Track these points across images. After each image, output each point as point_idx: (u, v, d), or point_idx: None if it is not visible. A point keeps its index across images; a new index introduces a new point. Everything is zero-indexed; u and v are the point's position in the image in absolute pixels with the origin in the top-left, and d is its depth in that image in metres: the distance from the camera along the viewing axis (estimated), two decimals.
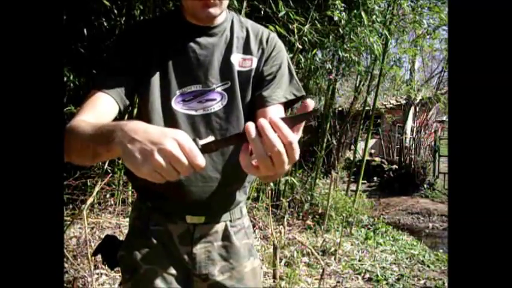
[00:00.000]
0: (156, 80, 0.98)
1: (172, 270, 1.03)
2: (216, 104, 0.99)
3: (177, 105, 0.98)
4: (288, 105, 1.06)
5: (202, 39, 0.99)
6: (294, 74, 1.07)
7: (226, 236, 1.07)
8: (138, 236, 1.06)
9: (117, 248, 1.07)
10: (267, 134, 0.61)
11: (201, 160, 0.63)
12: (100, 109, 0.91)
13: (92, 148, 0.76)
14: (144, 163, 0.62)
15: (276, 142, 0.61)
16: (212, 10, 0.93)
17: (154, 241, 1.04)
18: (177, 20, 1.01)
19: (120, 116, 0.97)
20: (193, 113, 0.99)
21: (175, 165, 0.62)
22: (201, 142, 0.66)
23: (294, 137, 0.63)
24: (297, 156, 0.64)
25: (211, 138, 0.70)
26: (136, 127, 0.66)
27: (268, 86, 1.02)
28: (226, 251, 1.07)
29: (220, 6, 0.94)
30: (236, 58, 1.01)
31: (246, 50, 1.02)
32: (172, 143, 0.62)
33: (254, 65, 1.02)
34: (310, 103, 0.65)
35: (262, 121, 0.62)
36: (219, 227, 1.07)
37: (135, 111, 2.73)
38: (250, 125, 0.63)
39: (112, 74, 0.95)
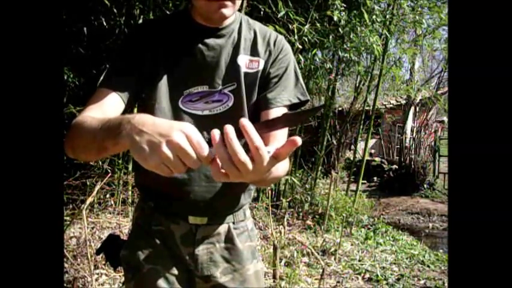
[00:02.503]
0: (163, 79, 0.98)
1: (175, 271, 1.03)
2: (222, 105, 1.00)
3: (183, 105, 0.99)
4: (292, 108, 1.06)
5: (210, 41, 0.99)
6: (300, 77, 1.07)
7: (229, 238, 1.07)
8: (141, 235, 1.06)
9: (119, 247, 1.07)
10: (228, 141, 0.60)
11: (208, 153, 0.63)
12: (106, 107, 0.91)
13: (98, 142, 0.76)
14: (152, 155, 0.62)
15: (238, 150, 0.60)
16: (225, 11, 0.92)
17: (157, 241, 1.03)
18: (185, 20, 1.01)
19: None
20: (199, 113, 0.99)
21: (182, 157, 0.62)
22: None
23: (261, 143, 0.61)
24: (264, 163, 0.62)
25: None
26: (144, 119, 0.66)
27: (273, 88, 1.01)
28: (228, 252, 1.06)
29: (232, 8, 0.94)
30: (243, 60, 1.01)
31: (253, 51, 1.02)
32: (180, 136, 0.62)
33: (261, 67, 1.02)
34: (298, 140, 0.62)
35: (227, 127, 0.61)
36: (222, 229, 1.06)
37: (135, 110, 2.73)
38: (215, 132, 0.62)
39: (119, 73, 0.96)
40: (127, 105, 0.96)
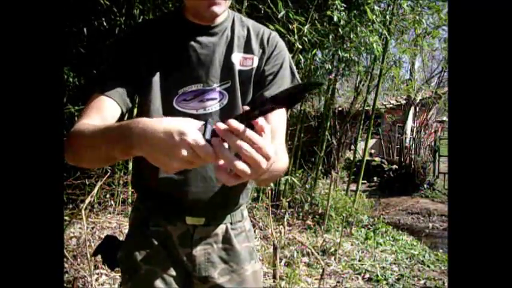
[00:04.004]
0: (157, 79, 0.98)
1: (172, 272, 1.02)
2: (217, 104, 0.99)
3: (178, 105, 0.98)
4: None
5: (203, 38, 0.99)
6: (296, 73, 1.07)
7: (226, 239, 1.06)
8: (138, 236, 1.05)
9: (117, 248, 1.07)
10: (229, 140, 0.61)
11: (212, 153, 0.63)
12: (104, 113, 0.92)
13: (105, 153, 0.77)
14: (167, 167, 0.66)
15: (242, 145, 0.61)
16: (216, 8, 0.93)
17: (154, 242, 1.03)
18: (178, 20, 1.01)
19: (122, 118, 0.98)
20: (193, 112, 0.99)
21: (195, 161, 0.64)
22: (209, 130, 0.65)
23: (257, 138, 0.62)
24: (270, 152, 0.63)
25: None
26: (143, 130, 0.66)
27: (269, 86, 1.01)
28: (226, 253, 1.06)
29: (224, 5, 0.94)
30: (237, 57, 1.01)
31: (247, 49, 1.02)
32: (184, 150, 0.63)
33: (255, 64, 1.02)
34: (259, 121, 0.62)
35: (221, 126, 0.62)
36: (220, 230, 1.06)
37: (135, 110, 2.73)
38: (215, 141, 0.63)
39: (114, 77, 0.96)
40: (124, 108, 0.96)
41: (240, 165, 0.61)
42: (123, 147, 0.71)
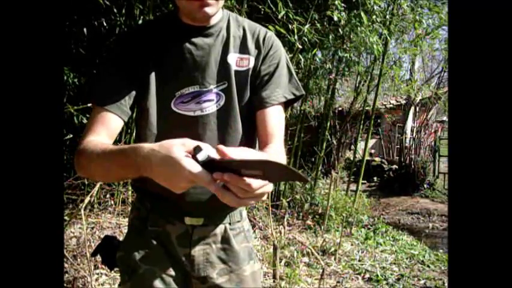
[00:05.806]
0: (153, 82, 0.98)
1: (171, 272, 1.02)
2: (213, 105, 0.99)
3: (176, 107, 0.99)
4: (287, 104, 1.06)
5: (199, 40, 0.99)
6: (293, 72, 1.06)
7: (225, 239, 1.06)
8: (137, 236, 1.05)
9: (116, 248, 1.07)
10: (231, 189, 0.68)
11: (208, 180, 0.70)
12: (109, 127, 0.95)
13: (117, 175, 0.88)
14: (174, 189, 0.73)
15: (245, 195, 0.68)
16: (208, 10, 0.92)
17: (153, 242, 1.03)
18: (172, 22, 1.01)
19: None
20: (191, 114, 0.99)
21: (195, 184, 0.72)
22: (204, 153, 0.69)
23: (256, 184, 0.66)
24: (268, 190, 0.69)
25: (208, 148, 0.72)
26: (149, 163, 0.72)
27: (267, 86, 1.01)
28: (225, 253, 1.06)
29: (216, 6, 0.94)
30: (233, 58, 1.00)
31: (243, 49, 1.02)
32: (185, 182, 0.71)
33: (251, 65, 1.01)
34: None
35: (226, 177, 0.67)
36: (218, 230, 1.06)
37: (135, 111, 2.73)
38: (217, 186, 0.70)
39: (113, 87, 0.96)
40: (126, 118, 0.98)
41: (244, 200, 0.69)
42: (131, 172, 0.80)
